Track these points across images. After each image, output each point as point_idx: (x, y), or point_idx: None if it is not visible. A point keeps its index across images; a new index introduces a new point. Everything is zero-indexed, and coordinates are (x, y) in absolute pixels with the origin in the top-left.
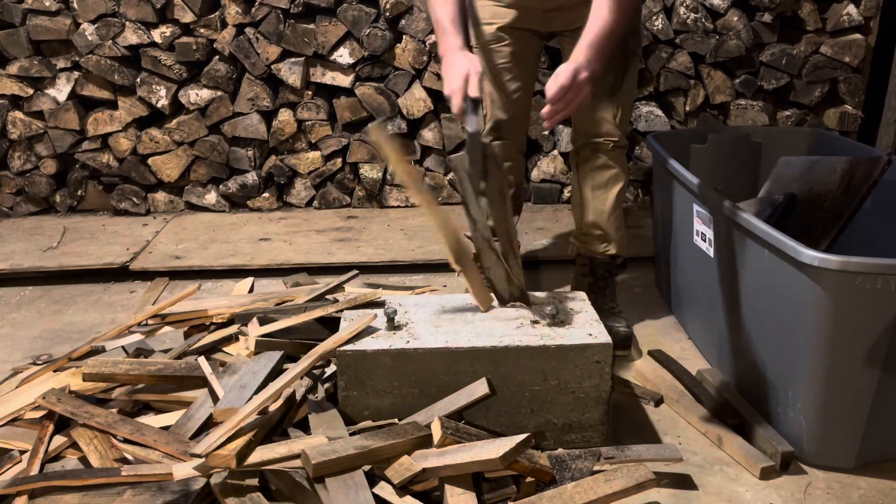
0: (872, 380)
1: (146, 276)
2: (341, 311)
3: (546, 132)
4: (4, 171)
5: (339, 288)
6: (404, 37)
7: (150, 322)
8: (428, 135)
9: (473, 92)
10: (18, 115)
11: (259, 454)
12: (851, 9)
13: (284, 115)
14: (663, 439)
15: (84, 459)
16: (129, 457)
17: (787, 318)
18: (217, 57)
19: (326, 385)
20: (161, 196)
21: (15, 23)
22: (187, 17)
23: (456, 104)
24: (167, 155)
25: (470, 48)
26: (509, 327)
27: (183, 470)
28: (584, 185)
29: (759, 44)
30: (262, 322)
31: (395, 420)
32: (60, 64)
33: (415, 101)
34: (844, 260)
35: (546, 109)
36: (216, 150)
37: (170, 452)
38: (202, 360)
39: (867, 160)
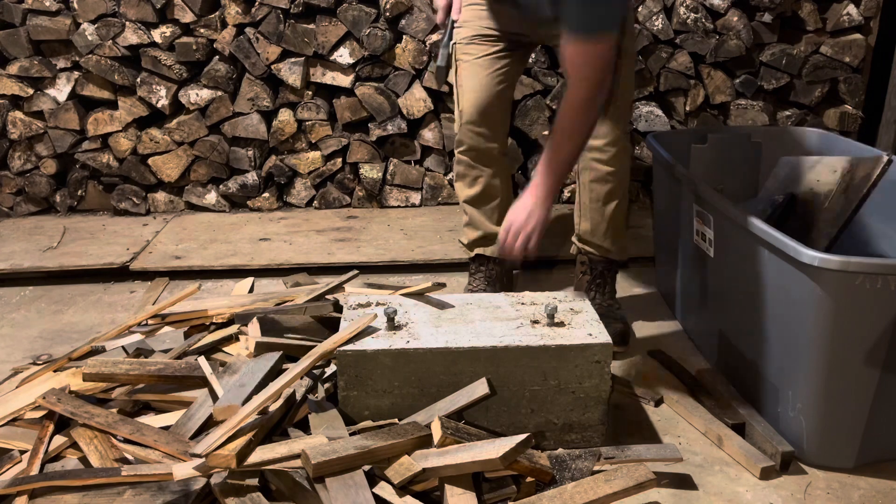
0: (872, 380)
1: (146, 276)
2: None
3: (546, 133)
4: (4, 171)
5: (339, 288)
6: (404, 37)
7: (150, 322)
8: (428, 135)
9: (454, 14)
10: (18, 115)
11: (259, 454)
12: (851, 9)
13: (284, 115)
14: (663, 439)
15: (84, 459)
16: (130, 457)
17: (787, 318)
18: (217, 57)
19: (326, 385)
20: (161, 196)
21: (15, 23)
22: (187, 17)
23: (440, 18)
24: (167, 155)
25: None
26: (509, 327)
27: (183, 470)
28: (582, 194)
29: (759, 44)
30: (263, 322)
31: (395, 420)
32: (60, 64)
33: (415, 101)
34: (844, 260)
35: (501, 249)
36: (216, 150)
37: (170, 452)
38: (202, 360)
39: (867, 160)
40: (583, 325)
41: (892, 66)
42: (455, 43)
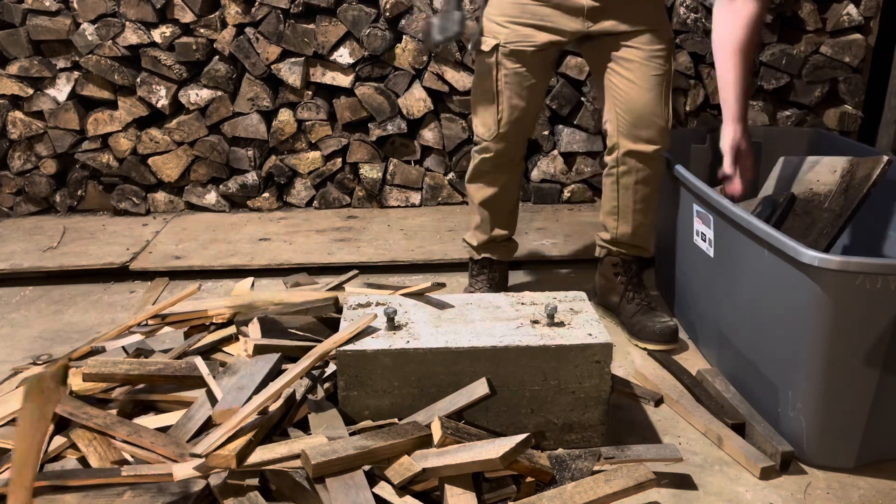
0: (872, 380)
1: (146, 276)
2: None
3: (546, 132)
4: (4, 171)
5: (339, 288)
6: (404, 37)
7: (150, 322)
8: (428, 135)
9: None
10: (18, 115)
11: (259, 454)
12: (851, 9)
13: (284, 115)
14: (663, 439)
15: (84, 460)
16: (129, 457)
17: (787, 318)
18: (217, 57)
19: (326, 385)
20: (161, 196)
21: (15, 23)
22: (187, 17)
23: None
24: (167, 155)
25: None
26: (509, 327)
27: (183, 470)
28: (623, 197)
29: (759, 44)
30: (263, 322)
31: (395, 420)
32: (60, 64)
33: (415, 101)
34: (844, 260)
35: (731, 187)
36: (216, 150)
37: (167, 455)
38: (199, 361)
39: (867, 160)
40: (583, 325)
41: (892, 66)
42: (499, 44)
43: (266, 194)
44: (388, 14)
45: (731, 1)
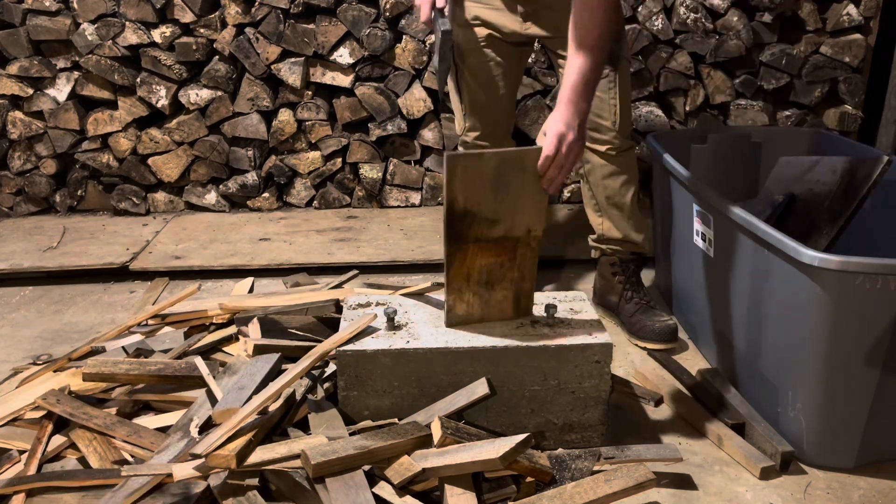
0: (872, 380)
1: (146, 276)
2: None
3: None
4: (4, 171)
5: (339, 288)
6: (404, 37)
7: (150, 322)
8: (428, 135)
9: (440, 3)
10: (18, 115)
11: (259, 454)
12: (851, 9)
13: (284, 115)
14: (663, 439)
15: (84, 460)
16: (129, 457)
17: (787, 317)
18: (217, 57)
19: (326, 385)
20: (161, 196)
21: (15, 23)
22: (187, 17)
23: (424, 13)
24: (167, 155)
25: None
26: (509, 327)
27: (183, 470)
28: (597, 195)
29: (759, 44)
30: (263, 322)
31: (395, 420)
32: (60, 64)
33: (415, 101)
34: (844, 260)
35: (542, 180)
36: (216, 150)
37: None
38: (199, 361)
39: (867, 160)
40: (583, 325)
41: (892, 66)
42: (452, 46)
43: (266, 194)
44: (388, 14)
45: None
